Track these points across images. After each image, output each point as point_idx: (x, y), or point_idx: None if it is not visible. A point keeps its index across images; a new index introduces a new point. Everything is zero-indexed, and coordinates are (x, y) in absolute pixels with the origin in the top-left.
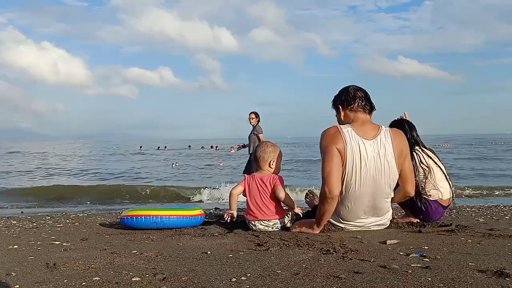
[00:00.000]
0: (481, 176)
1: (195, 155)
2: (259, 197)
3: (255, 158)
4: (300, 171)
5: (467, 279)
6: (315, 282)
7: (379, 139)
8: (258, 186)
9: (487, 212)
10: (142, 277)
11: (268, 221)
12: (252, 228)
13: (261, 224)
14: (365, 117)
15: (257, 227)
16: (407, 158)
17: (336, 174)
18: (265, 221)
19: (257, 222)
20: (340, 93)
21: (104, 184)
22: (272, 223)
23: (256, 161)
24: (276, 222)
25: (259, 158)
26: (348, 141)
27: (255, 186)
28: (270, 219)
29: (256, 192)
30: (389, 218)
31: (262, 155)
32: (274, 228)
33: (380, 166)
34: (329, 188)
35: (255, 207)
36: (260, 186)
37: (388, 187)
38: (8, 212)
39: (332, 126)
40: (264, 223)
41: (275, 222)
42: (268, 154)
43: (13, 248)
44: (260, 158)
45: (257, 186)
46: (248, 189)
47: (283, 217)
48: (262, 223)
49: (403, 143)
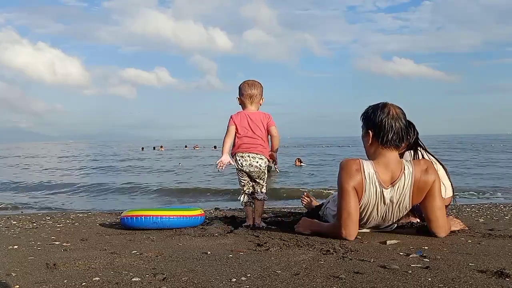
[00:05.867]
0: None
1: (196, 155)
2: (251, 132)
3: (247, 94)
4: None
5: (467, 279)
6: (315, 283)
7: (397, 186)
8: (249, 122)
9: (487, 212)
10: (142, 277)
11: (256, 155)
12: (238, 161)
13: (250, 156)
14: (392, 156)
15: (244, 158)
16: (431, 196)
17: (355, 217)
18: (254, 154)
19: (246, 153)
20: (374, 116)
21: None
22: (258, 157)
23: (248, 97)
24: (263, 158)
25: (254, 95)
26: (368, 184)
27: (246, 123)
28: (257, 153)
29: (247, 128)
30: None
31: (257, 93)
32: (261, 163)
33: (392, 210)
34: (347, 232)
35: (246, 141)
36: (253, 123)
37: (396, 220)
38: (8, 212)
39: (354, 160)
40: (252, 157)
41: (262, 157)
42: (261, 92)
43: (13, 248)
44: (255, 96)
45: (248, 122)
46: (238, 126)
47: (267, 157)
48: (251, 156)
49: (429, 181)
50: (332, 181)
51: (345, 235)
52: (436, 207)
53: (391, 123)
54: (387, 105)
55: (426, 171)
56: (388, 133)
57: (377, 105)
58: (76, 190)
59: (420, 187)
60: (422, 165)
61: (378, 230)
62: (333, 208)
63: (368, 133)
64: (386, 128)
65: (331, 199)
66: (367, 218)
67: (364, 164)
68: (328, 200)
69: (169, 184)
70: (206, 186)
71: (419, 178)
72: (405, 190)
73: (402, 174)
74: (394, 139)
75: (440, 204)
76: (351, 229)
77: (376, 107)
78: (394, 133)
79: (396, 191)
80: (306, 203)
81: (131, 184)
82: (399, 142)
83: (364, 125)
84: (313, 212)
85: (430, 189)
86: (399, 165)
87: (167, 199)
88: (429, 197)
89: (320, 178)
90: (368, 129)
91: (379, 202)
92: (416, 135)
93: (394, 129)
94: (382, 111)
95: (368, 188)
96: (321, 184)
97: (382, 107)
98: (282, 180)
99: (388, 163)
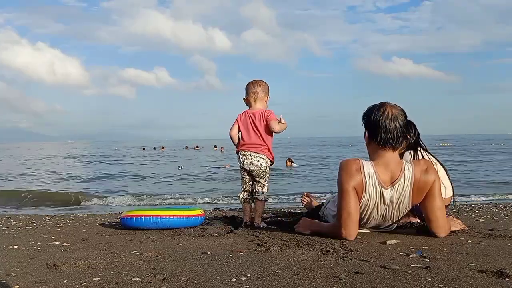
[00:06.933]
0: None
1: (196, 156)
2: (252, 131)
3: (252, 93)
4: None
5: (467, 279)
6: (315, 283)
7: (397, 186)
8: (250, 121)
9: (487, 212)
10: (142, 278)
11: (257, 154)
12: (240, 159)
13: (251, 155)
14: (391, 156)
15: (246, 156)
16: (431, 196)
17: (355, 217)
18: (255, 153)
19: (247, 152)
20: (370, 115)
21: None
22: (260, 156)
23: (253, 96)
24: (264, 157)
25: (258, 92)
26: (368, 184)
27: (248, 122)
28: (259, 153)
29: (249, 126)
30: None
31: (260, 90)
32: (262, 163)
33: (392, 210)
34: (347, 232)
35: (248, 140)
36: (253, 121)
37: (396, 220)
38: (8, 212)
39: (354, 161)
40: (253, 155)
41: (263, 157)
42: (266, 89)
43: (13, 248)
44: (259, 93)
45: (249, 121)
46: (241, 124)
47: (269, 157)
48: (252, 155)
49: (428, 181)
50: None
51: (345, 235)
52: (436, 207)
53: (385, 123)
54: (384, 104)
55: (426, 171)
56: (381, 133)
57: (375, 105)
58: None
59: (420, 187)
60: (422, 165)
61: (378, 230)
62: (333, 208)
63: (366, 132)
64: (380, 128)
65: (331, 199)
66: (367, 218)
67: (364, 164)
68: (328, 200)
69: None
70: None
71: (419, 178)
72: (405, 190)
73: (402, 174)
74: (388, 139)
75: (440, 204)
76: (351, 229)
77: (373, 107)
78: (388, 133)
79: (396, 191)
80: (306, 203)
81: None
82: (394, 143)
83: (363, 125)
84: (313, 212)
85: (430, 189)
86: (399, 165)
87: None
88: (429, 197)
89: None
90: (365, 128)
91: (379, 202)
92: (417, 135)
93: (389, 129)
94: (378, 111)
95: (368, 188)
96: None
97: (379, 107)
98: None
99: (388, 163)
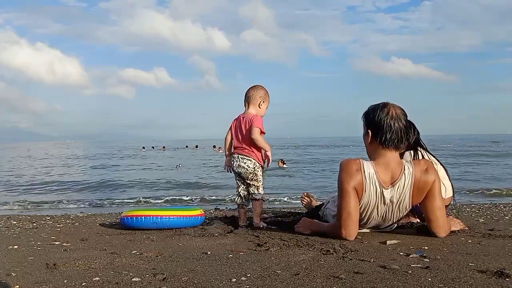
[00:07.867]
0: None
1: (197, 156)
2: (240, 135)
3: (246, 96)
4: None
5: (467, 279)
6: (315, 283)
7: (397, 186)
8: (238, 125)
9: (487, 212)
10: (142, 278)
11: (244, 156)
12: (231, 162)
13: (239, 158)
14: (392, 156)
15: (235, 159)
16: (431, 196)
17: (355, 217)
18: (242, 155)
19: (236, 155)
20: (374, 115)
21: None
22: (246, 158)
23: (247, 99)
24: (251, 159)
25: (251, 96)
26: (368, 184)
27: (237, 125)
28: (246, 155)
29: (237, 130)
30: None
31: (254, 94)
32: (249, 165)
33: (393, 210)
34: (347, 232)
35: (237, 144)
36: (240, 125)
37: (396, 220)
38: (8, 212)
39: (354, 160)
40: (241, 158)
41: (250, 159)
42: (260, 94)
43: (13, 248)
44: (252, 97)
45: (238, 124)
46: (233, 128)
47: (256, 159)
48: (240, 157)
49: (429, 181)
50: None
51: (345, 235)
52: (436, 207)
53: (390, 123)
54: (387, 105)
55: (426, 171)
56: (386, 133)
57: (378, 104)
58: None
59: (420, 187)
60: (422, 165)
61: (378, 230)
62: (333, 208)
63: (368, 132)
64: (385, 128)
65: (331, 199)
66: (367, 218)
67: (364, 164)
68: (328, 200)
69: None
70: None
71: (419, 178)
72: (405, 190)
73: (402, 174)
74: (393, 139)
75: (440, 204)
76: (351, 229)
77: (376, 107)
78: (393, 133)
79: (396, 191)
80: (306, 203)
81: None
82: (398, 143)
83: (365, 125)
84: (313, 212)
85: (430, 189)
86: (399, 165)
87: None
88: (429, 197)
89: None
90: (368, 128)
91: (379, 202)
92: (417, 135)
93: (393, 129)
94: (382, 111)
95: (368, 188)
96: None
97: (382, 107)
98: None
99: (388, 163)
